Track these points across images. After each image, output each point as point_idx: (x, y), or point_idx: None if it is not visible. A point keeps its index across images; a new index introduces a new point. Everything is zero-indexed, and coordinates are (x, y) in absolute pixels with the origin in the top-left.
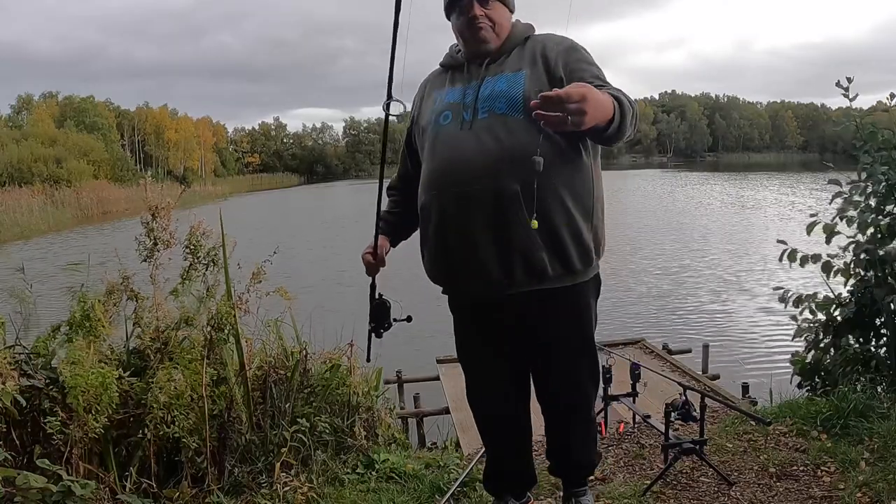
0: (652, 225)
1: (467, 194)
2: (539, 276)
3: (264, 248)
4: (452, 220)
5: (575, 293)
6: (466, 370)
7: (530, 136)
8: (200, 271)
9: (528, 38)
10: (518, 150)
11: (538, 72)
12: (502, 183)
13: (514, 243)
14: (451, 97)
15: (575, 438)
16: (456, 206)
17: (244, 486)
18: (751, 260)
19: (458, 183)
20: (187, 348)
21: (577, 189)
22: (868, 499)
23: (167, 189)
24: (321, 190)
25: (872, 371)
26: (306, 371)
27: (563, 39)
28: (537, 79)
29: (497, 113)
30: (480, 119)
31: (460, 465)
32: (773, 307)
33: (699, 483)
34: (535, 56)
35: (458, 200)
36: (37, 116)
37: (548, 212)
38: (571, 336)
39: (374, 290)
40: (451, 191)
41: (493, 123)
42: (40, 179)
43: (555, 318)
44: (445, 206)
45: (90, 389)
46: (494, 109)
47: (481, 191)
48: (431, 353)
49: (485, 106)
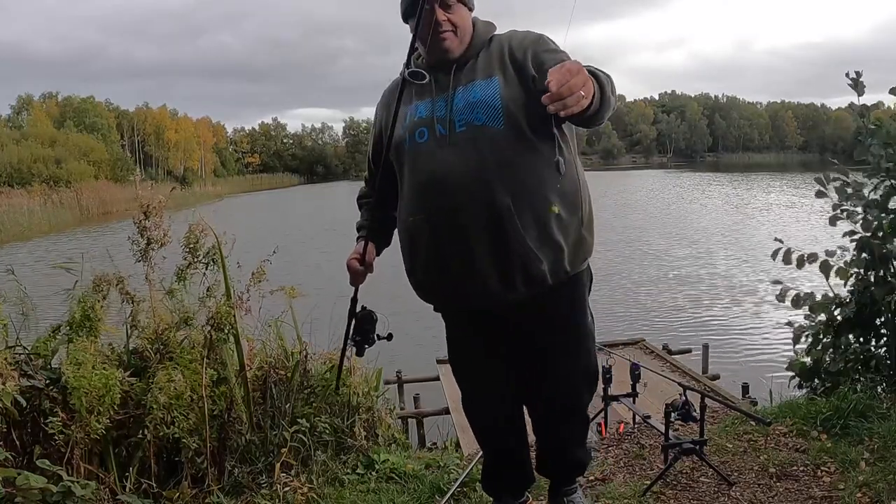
0: (652, 225)
1: (458, 213)
2: (539, 283)
3: (263, 248)
4: (446, 239)
5: (570, 285)
6: (461, 376)
7: (514, 146)
8: (200, 270)
9: (492, 37)
10: (504, 161)
11: (510, 75)
12: (494, 197)
13: (511, 256)
14: (422, 112)
15: (573, 438)
16: (448, 225)
17: (244, 486)
18: (751, 260)
19: (446, 202)
20: (187, 348)
21: (566, 193)
22: (868, 499)
23: (157, 188)
24: (320, 190)
25: (872, 371)
26: (306, 371)
27: (526, 34)
28: (511, 83)
29: (476, 124)
30: (459, 132)
31: (460, 465)
32: (774, 307)
33: (699, 483)
34: (504, 58)
35: (449, 219)
36: (36, 117)
37: (541, 220)
38: (569, 326)
39: (355, 302)
40: (441, 210)
41: (473, 136)
42: (40, 180)
43: (552, 313)
44: (436, 226)
45: (93, 390)
46: (473, 121)
47: (473, 208)
48: (431, 354)
49: (461, 118)
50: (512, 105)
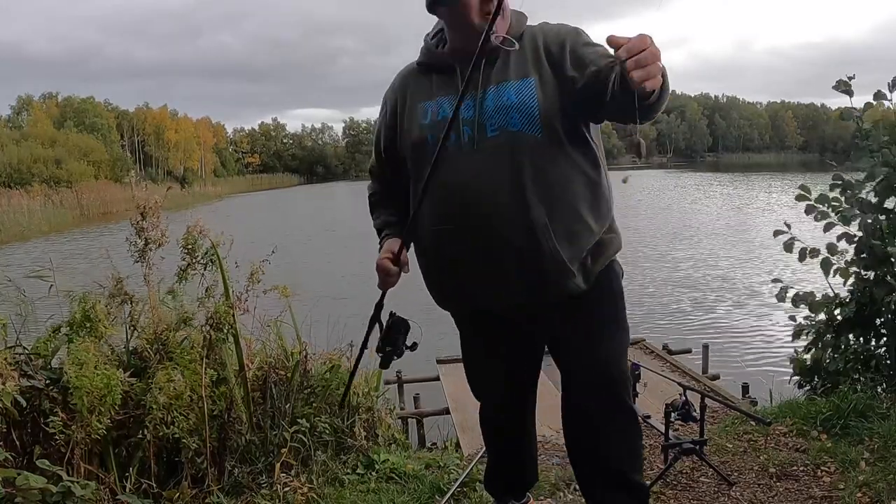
0: (653, 226)
1: (489, 226)
2: (571, 294)
3: (262, 248)
4: (473, 251)
5: (602, 280)
6: (475, 376)
7: (552, 156)
8: (199, 271)
9: (523, 31)
10: (541, 172)
11: (546, 74)
12: (529, 212)
13: (544, 272)
14: (445, 110)
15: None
16: (476, 241)
17: (244, 486)
18: (752, 260)
19: (476, 214)
20: (186, 349)
21: (599, 204)
22: (868, 499)
23: (155, 188)
24: (320, 190)
25: (872, 371)
26: (306, 371)
27: (560, 27)
28: (547, 84)
29: (511, 130)
30: (491, 137)
31: (460, 465)
32: (774, 307)
33: (699, 483)
34: (539, 54)
35: (478, 232)
36: (36, 117)
37: (575, 234)
38: (603, 314)
39: (381, 307)
40: (469, 222)
41: (508, 143)
42: (40, 180)
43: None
44: (463, 238)
45: (94, 390)
46: (507, 126)
47: (506, 221)
48: (431, 354)
49: (493, 122)
50: (550, 110)
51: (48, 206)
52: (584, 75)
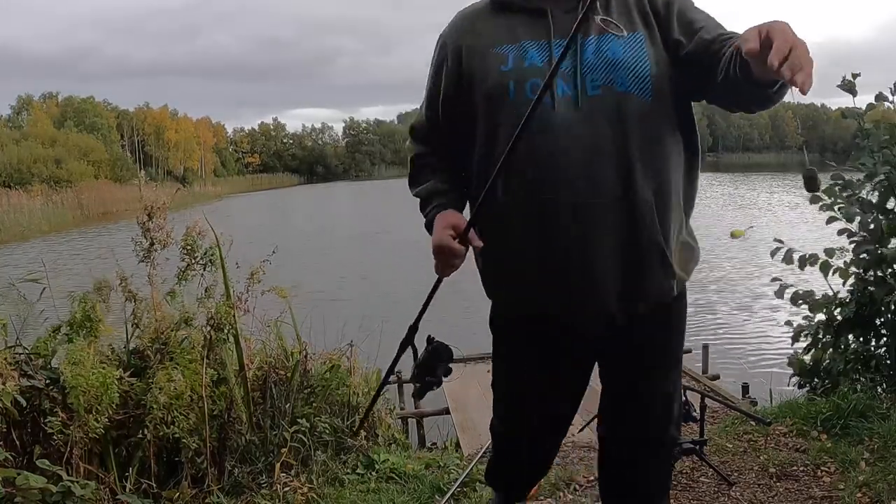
0: None
1: (585, 203)
2: (660, 297)
3: (262, 249)
4: (560, 233)
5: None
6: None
7: (662, 126)
8: (198, 271)
9: None
10: (650, 144)
11: (654, 32)
12: (636, 189)
13: (642, 263)
14: (534, 57)
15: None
16: (565, 215)
17: (244, 486)
18: (753, 261)
19: (568, 187)
20: (187, 348)
21: (690, 200)
22: (868, 499)
23: (160, 189)
24: (320, 190)
25: (872, 371)
26: (306, 371)
27: None
28: (656, 43)
29: (619, 90)
30: (592, 96)
31: (460, 465)
32: (774, 307)
33: (699, 483)
34: (645, 9)
35: (569, 209)
36: (36, 117)
37: (677, 221)
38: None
39: (416, 329)
40: (558, 195)
41: (614, 106)
42: (40, 180)
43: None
44: (548, 215)
45: (90, 390)
46: (614, 85)
47: (606, 198)
48: None
49: (596, 79)
50: (662, 74)
51: (48, 205)
52: (691, 42)
